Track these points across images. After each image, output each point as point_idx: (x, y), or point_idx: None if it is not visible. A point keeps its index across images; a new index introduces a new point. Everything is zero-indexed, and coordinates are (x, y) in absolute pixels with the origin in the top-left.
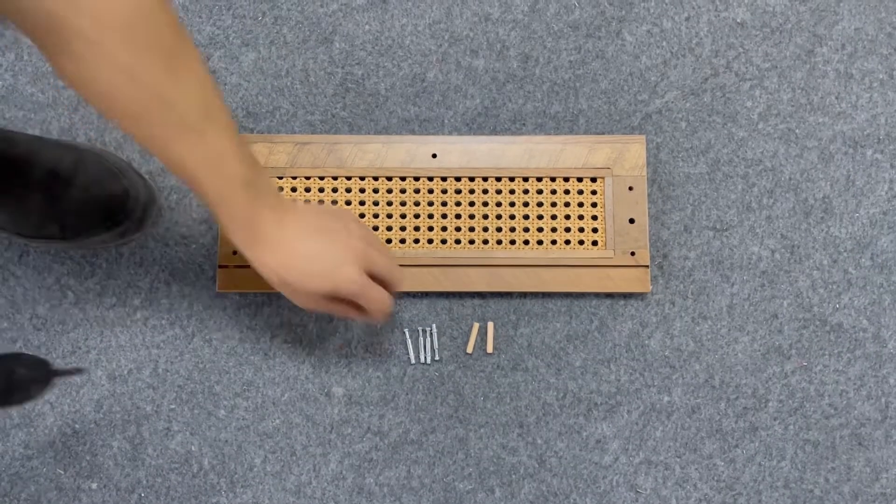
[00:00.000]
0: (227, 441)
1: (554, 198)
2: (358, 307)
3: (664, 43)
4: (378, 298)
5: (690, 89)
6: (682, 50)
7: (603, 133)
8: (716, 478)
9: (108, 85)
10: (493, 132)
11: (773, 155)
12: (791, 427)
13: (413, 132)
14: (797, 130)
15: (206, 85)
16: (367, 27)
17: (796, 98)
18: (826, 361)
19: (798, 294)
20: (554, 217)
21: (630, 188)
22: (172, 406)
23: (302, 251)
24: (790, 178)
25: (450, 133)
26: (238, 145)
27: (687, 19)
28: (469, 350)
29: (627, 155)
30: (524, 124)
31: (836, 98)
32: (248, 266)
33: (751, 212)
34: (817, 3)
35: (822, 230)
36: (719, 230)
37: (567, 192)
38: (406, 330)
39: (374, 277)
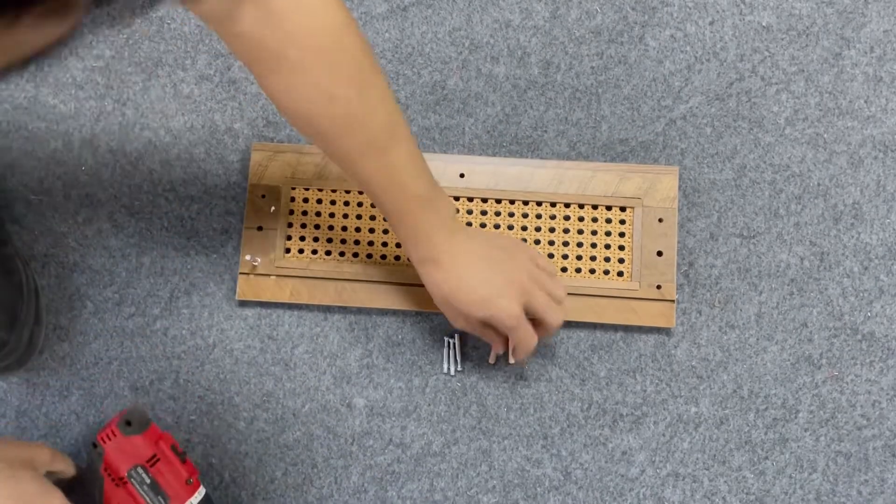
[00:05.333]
0: (247, 453)
1: (581, 225)
2: (506, 339)
3: (688, 48)
4: (524, 338)
5: (715, 94)
6: (707, 54)
7: (627, 139)
8: (745, 491)
9: (309, 104)
10: (515, 139)
11: (801, 160)
12: (822, 438)
13: (434, 140)
14: (825, 135)
15: (391, 104)
16: (386, 35)
17: (824, 102)
18: (858, 371)
19: (828, 302)
20: (580, 245)
21: (660, 220)
22: (192, 417)
23: (467, 277)
24: (819, 184)
25: (471, 141)
26: (416, 164)
27: (711, 23)
28: (491, 361)
29: (659, 186)
30: (545, 131)
31: (865, 102)
32: (269, 275)
33: (778, 218)
34: (844, 5)
35: (853, 237)
36: (746, 237)
37: (595, 220)
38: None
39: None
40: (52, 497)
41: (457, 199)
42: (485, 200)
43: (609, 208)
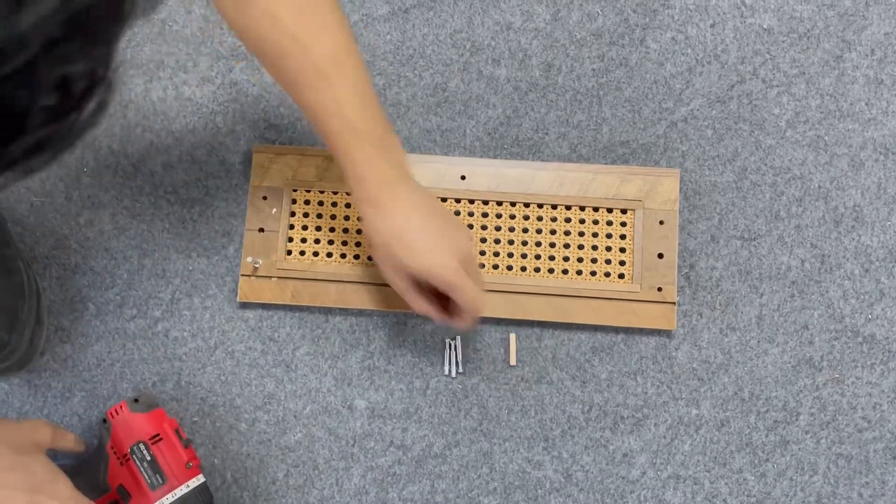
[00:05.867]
0: (249, 455)
1: (582, 227)
2: (441, 308)
3: (689, 50)
4: (470, 296)
5: (716, 97)
6: (708, 57)
7: (628, 141)
8: (746, 493)
9: (256, 26)
10: (516, 141)
11: (802, 163)
12: (823, 441)
13: (435, 142)
14: (826, 137)
15: (340, 32)
16: (388, 37)
17: (825, 104)
18: (859, 373)
19: (829, 304)
20: (581, 247)
21: (661, 222)
22: (195, 419)
23: (410, 225)
24: (819, 187)
25: (472, 143)
26: (363, 98)
27: (712, 26)
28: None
29: (660, 188)
30: (547, 133)
31: (866, 104)
32: (271, 277)
33: (779, 221)
34: (845, 8)
35: (853, 239)
36: (747, 239)
37: (596, 222)
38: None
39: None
40: (59, 482)
41: (458, 200)
42: (486, 202)
43: (610, 210)
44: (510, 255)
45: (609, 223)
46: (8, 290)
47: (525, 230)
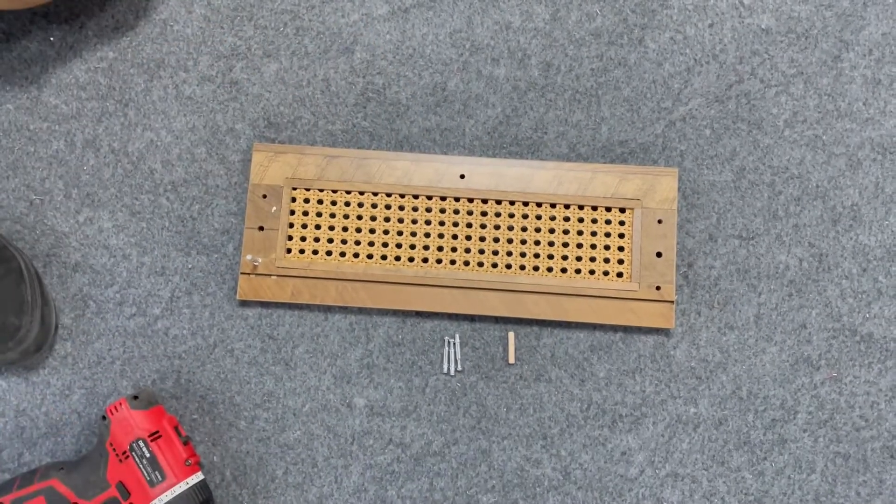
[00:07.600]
0: (248, 452)
1: (581, 226)
2: None
3: (687, 50)
4: None
5: (715, 96)
6: (706, 57)
7: (626, 140)
8: (744, 491)
9: None
10: (515, 141)
11: (800, 162)
12: (821, 439)
13: (434, 141)
14: (824, 137)
15: None
16: (388, 37)
17: (823, 104)
18: (856, 372)
19: (827, 303)
20: (580, 246)
21: (659, 221)
22: (195, 416)
23: None
24: (817, 186)
25: (472, 142)
26: None
27: (710, 26)
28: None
29: (658, 187)
30: (546, 133)
31: (864, 104)
32: (270, 275)
33: (777, 220)
34: (843, 8)
35: (851, 238)
36: (745, 238)
37: (594, 221)
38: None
39: None
40: None
41: (457, 199)
42: (485, 201)
43: (609, 209)
44: (509, 253)
45: (608, 222)
46: (7, 276)
47: (524, 229)
